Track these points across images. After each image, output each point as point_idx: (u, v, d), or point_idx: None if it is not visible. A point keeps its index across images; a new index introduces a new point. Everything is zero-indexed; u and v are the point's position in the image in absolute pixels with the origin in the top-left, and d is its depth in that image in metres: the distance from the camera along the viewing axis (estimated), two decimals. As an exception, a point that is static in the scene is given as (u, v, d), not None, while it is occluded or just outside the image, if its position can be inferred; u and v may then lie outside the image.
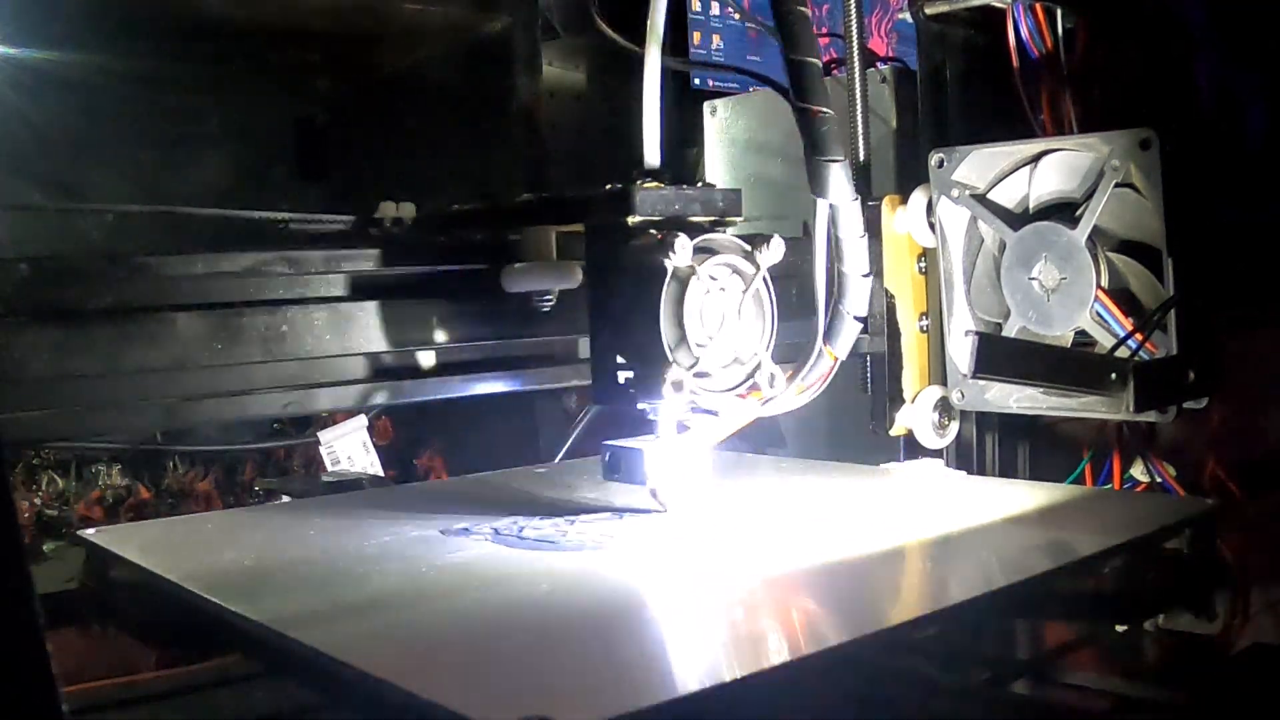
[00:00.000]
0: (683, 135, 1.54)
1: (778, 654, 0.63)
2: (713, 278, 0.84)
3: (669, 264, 0.80)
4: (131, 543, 0.86)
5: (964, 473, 1.16)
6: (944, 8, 1.16)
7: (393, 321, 0.92)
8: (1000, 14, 1.12)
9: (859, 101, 1.19)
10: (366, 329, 0.90)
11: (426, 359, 0.94)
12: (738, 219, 0.88)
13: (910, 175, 1.18)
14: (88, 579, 0.85)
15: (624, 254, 0.84)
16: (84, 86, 1.28)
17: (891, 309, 1.16)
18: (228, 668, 0.76)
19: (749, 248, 0.86)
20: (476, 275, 0.96)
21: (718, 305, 0.84)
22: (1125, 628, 0.99)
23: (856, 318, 0.87)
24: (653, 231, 0.83)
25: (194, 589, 0.73)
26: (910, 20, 1.21)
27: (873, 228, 1.16)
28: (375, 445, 1.41)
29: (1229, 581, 0.98)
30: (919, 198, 1.14)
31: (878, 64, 1.28)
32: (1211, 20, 1.07)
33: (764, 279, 0.86)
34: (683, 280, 0.82)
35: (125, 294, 0.80)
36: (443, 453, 1.46)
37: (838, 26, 1.20)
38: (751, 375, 0.86)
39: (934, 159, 1.12)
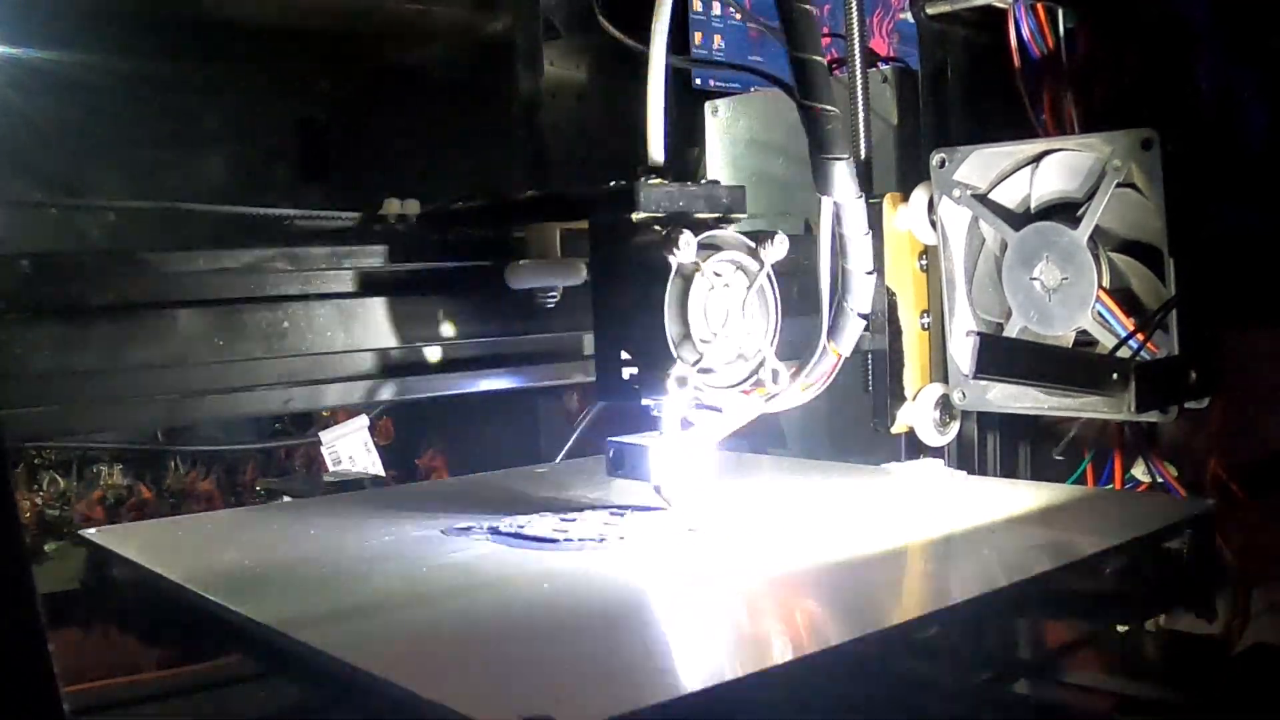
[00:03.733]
0: (685, 135, 1.54)
1: (779, 654, 0.63)
2: (717, 274, 0.84)
3: (673, 260, 0.80)
4: (132, 542, 0.86)
5: (964, 473, 1.16)
6: (945, 8, 1.16)
7: (397, 318, 0.91)
8: (1002, 14, 1.11)
9: (860, 101, 1.19)
10: (370, 325, 0.90)
11: (431, 355, 0.94)
12: (742, 215, 0.88)
13: (912, 174, 1.18)
14: (88, 578, 0.85)
15: (628, 251, 0.84)
16: (85, 86, 1.28)
17: (893, 306, 1.16)
18: (227, 668, 0.76)
19: (753, 244, 0.85)
20: (481, 272, 0.96)
21: (722, 301, 0.84)
22: (1125, 628, 0.99)
23: (861, 314, 0.87)
24: (657, 228, 0.83)
25: (194, 589, 0.73)
26: (912, 20, 1.21)
27: (874, 225, 1.16)
28: (377, 445, 1.41)
29: (1228, 582, 0.97)
30: (920, 195, 1.14)
31: (879, 64, 1.28)
32: (1213, 20, 1.07)
33: (768, 275, 0.86)
34: (687, 276, 0.82)
35: (127, 290, 0.80)
36: (444, 453, 1.46)
37: (839, 26, 1.20)
38: (755, 372, 0.86)
39: (935, 159, 1.12)
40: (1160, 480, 1.07)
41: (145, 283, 0.81)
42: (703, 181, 0.88)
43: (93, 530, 0.89)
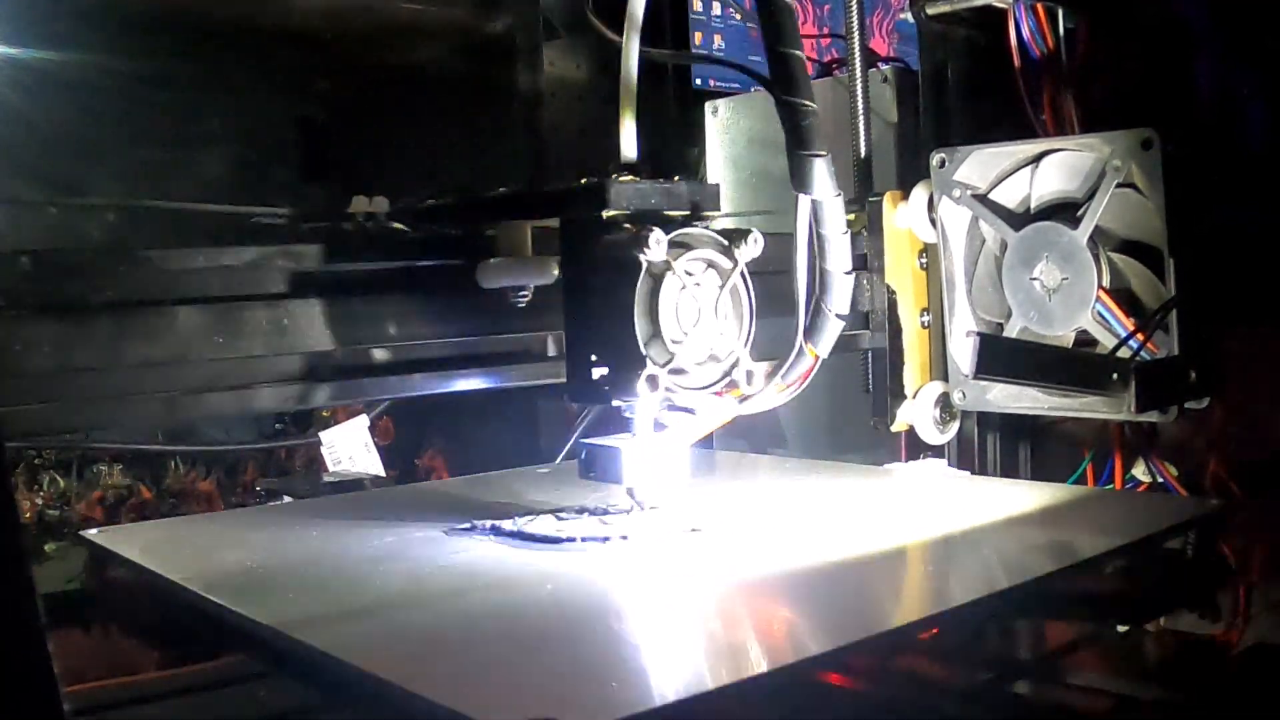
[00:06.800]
0: (685, 135, 1.54)
1: (782, 656, 0.63)
2: (688, 273, 0.82)
3: (643, 258, 0.78)
4: (134, 543, 0.86)
5: (967, 473, 1.16)
6: (945, 8, 1.16)
7: (366, 318, 0.90)
8: (1001, 14, 1.11)
9: (860, 101, 1.19)
10: (337, 325, 0.88)
11: (400, 355, 0.93)
12: (716, 214, 0.86)
13: (911, 173, 1.18)
14: (89, 579, 0.84)
15: (597, 249, 0.82)
16: (85, 86, 1.28)
17: (893, 304, 1.16)
18: (228, 668, 0.76)
19: (726, 242, 0.83)
20: (452, 271, 0.94)
21: (694, 301, 0.82)
22: (1125, 628, 0.99)
23: (839, 315, 0.85)
24: (627, 226, 0.81)
25: (196, 589, 0.73)
26: (912, 20, 1.21)
27: (874, 223, 1.16)
28: (377, 445, 1.41)
29: (1231, 582, 0.97)
30: (920, 193, 1.14)
31: (879, 64, 1.28)
32: (1212, 20, 1.07)
33: (743, 274, 0.84)
34: (657, 275, 0.80)
35: (126, 287, 0.80)
36: (444, 452, 1.46)
37: (839, 26, 1.20)
38: (729, 372, 0.84)
39: (935, 159, 1.12)
40: (1161, 480, 1.07)
41: (145, 280, 0.81)
42: (676, 179, 0.85)
43: (94, 531, 0.89)
